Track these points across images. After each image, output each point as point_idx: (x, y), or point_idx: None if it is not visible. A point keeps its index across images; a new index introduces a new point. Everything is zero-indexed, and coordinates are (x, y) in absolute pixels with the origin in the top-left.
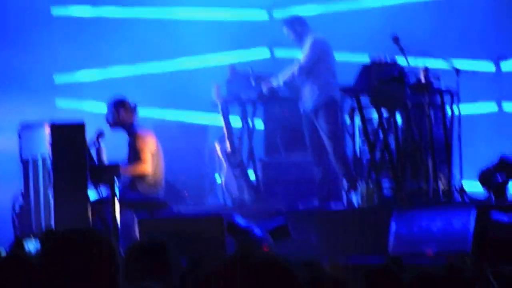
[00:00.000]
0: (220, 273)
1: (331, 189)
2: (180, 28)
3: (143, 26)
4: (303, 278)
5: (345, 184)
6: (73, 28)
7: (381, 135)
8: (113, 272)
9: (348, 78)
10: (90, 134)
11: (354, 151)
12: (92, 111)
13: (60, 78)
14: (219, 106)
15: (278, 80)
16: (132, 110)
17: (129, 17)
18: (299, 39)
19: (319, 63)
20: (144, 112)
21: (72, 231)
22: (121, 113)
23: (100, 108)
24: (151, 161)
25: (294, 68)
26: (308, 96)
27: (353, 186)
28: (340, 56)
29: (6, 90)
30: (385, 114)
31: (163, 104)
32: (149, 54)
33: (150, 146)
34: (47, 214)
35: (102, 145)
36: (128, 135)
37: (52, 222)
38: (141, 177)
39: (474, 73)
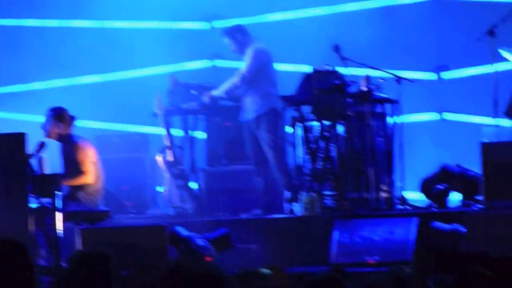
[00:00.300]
0: (157, 284)
1: (273, 199)
2: (122, 39)
3: (85, 36)
4: None
5: (287, 193)
6: (11, 39)
7: (322, 145)
8: (28, 283)
9: (289, 88)
10: (31, 145)
11: (296, 161)
12: (34, 121)
13: (0, 89)
14: (161, 117)
15: (220, 90)
16: (70, 121)
17: (70, 27)
18: (241, 49)
19: (260, 73)
20: (86, 123)
21: None
22: (59, 124)
23: (41, 119)
24: (92, 172)
25: (236, 78)
26: (249, 106)
27: (294, 196)
28: (282, 66)
29: None
30: (326, 123)
31: (105, 115)
32: (91, 64)
33: (90, 156)
34: None
35: (44, 155)
36: (65, 146)
37: None
38: (82, 188)
39: (415, 82)
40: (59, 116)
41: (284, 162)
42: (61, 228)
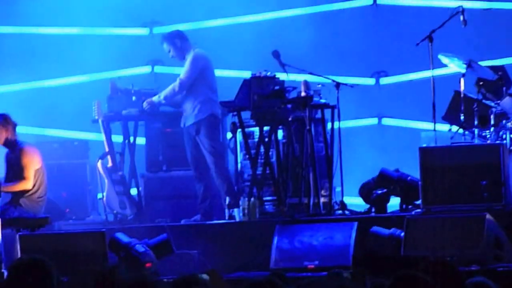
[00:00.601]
0: None
1: (213, 205)
2: (63, 45)
3: (24, 42)
4: None
5: (227, 199)
6: None
7: (262, 150)
8: None
9: (229, 94)
10: None
11: (236, 167)
12: None
13: None
14: (100, 123)
15: (160, 96)
16: (14, 126)
17: (10, 33)
18: (180, 55)
19: (199, 79)
20: (25, 129)
21: None
22: (8, 129)
23: None
24: (34, 178)
25: (175, 84)
26: (189, 112)
27: (235, 202)
28: (221, 72)
29: None
30: (266, 129)
31: (43, 121)
32: (31, 71)
33: (34, 162)
34: None
35: None
36: (12, 151)
37: None
38: (24, 194)
39: (354, 88)
40: (5, 121)
41: (224, 168)
42: (1, 235)
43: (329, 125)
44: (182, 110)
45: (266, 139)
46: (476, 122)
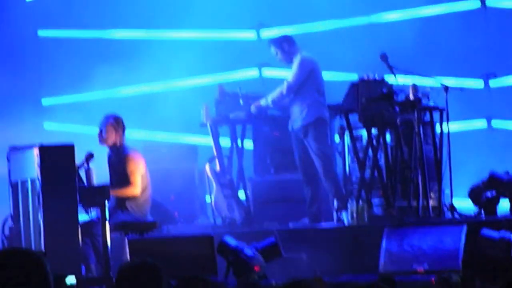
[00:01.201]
0: None
1: (321, 208)
2: (170, 49)
3: (132, 47)
4: None
5: (335, 203)
6: (60, 51)
7: (370, 153)
8: None
9: (336, 97)
10: (79, 156)
11: (344, 170)
12: (81, 133)
13: (48, 101)
14: (208, 127)
15: (267, 100)
16: (124, 130)
17: (118, 38)
18: (287, 58)
19: (307, 82)
20: (134, 133)
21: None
22: (118, 132)
23: (89, 130)
24: (141, 183)
25: (283, 87)
26: (297, 115)
27: (343, 205)
28: (329, 75)
29: None
30: (374, 132)
31: (152, 125)
32: (139, 75)
33: (140, 168)
34: (37, 236)
35: (91, 166)
36: (116, 156)
37: (42, 244)
38: (130, 198)
39: (463, 90)
40: (117, 123)
41: (332, 171)
42: (109, 239)
43: (437, 128)
44: (290, 114)
45: (374, 142)
46: None
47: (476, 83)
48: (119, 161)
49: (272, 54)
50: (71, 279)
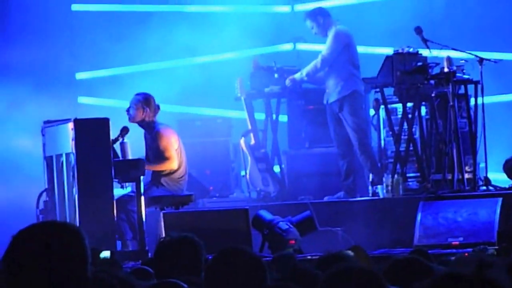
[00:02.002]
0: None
1: (356, 182)
2: (202, 23)
3: (162, 21)
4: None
5: (370, 176)
6: (93, 25)
7: (405, 127)
8: (81, 267)
9: (371, 70)
10: (114, 130)
11: (379, 143)
12: (116, 106)
13: (82, 75)
14: (243, 100)
15: (302, 73)
16: (156, 109)
17: (149, 11)
18: (322, 32)
19: (342, 55)
20: (169, 107)
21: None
22: (146, 111)
23: (124, 104)
24: (175, 157)
25: (317, 60)
26: (332, 89)
27: (378, 178)
28: (363, 48)
29: (28, 88)
30: (409, 105)
31: (187, 99)
32: (171, 49)
33: (172, 143)
34: (71, 210)
35: (126, 140)
36: (149, 133)
37: (77, 218)
38: (166, 173)
39: (497, 63)
40: (146, 101)
41: (368, 145)
42: (145, 213)
43: (472, 101)
44: (325, 87)
45: (409, 115)
46: None
47: (511, 56)
48: (151, 138)
49: (307, 28)
50: (105, 253)
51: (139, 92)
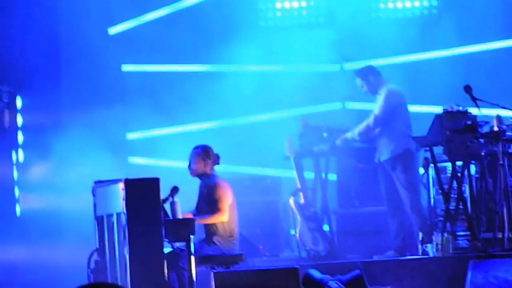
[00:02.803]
0: None
1: (406, 241)
2: (251, 82)
3: (215, 81)
4: None
5: (420, 235)
6: (143, 85)
7: (455, 185)
8: None
9: (421, 129)
10: (164, 190)
11: (429, 202)
12: (165, 167)
13: (133, 135)
14: (292, 159)
15: (353, 133)
16: (215, 159)
17: (199, 71)
18: (372, 90)
19: (394, 114)
20: (217, 166)
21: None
22: (207, 162)
23: (173, 164)
24: (227, 211)
25: (370, 120)
26: (384, 147)
27: (428, 237)
28: (413, 107)
29: (80, 148)
30: (459, 163)
31: (236, 158)
32: (222, 108)
33: (227, 196)
34: (122, 270)
35: (176, 200)
36: (205, 184)
37: (128, 278)
38: (217, 231)
39: None
40: (205, 153)
41: (420, 203)
42: (195, 273)
43: None
44: (375, 146)
45: (459, 174)
46: None
47: None
48: (207, 189)
49: (356, 86)
50: None
51: (197, 145)
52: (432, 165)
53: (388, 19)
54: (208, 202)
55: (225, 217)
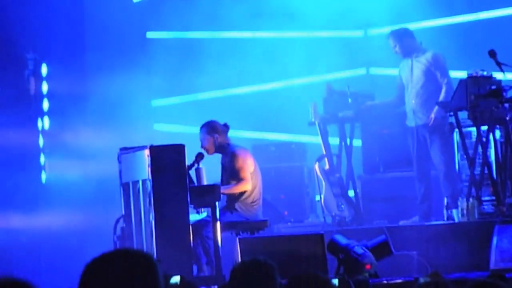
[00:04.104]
0: None
1: (431, 206)
2: (277, 49)
3: (243, 47)
4: None
5: (445, 200)
6: (167, 52)
7: (480, 150)
8: None
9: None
10: (189, 156)
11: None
12: (191, 132)
13: (158, 102)
14: (317, 125)
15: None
16: (225, 131)
17: (223, 38)
18: (404, 53)
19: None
20: (243, 133)
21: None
22: (216, 137)
23: (198, 130)
24: (250, 180)
25: (445, 88)
26: (423, 112)
27: (453, 202)
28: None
29: (105, 116)
30: (483, 128)
31: (261, 125)
32: (248, 75)
33: (248, 164)
34: (148, 236)
35: (202, 166)
36: (224, 155)
37: (154, 244)
38: (240, 197)
39: None
40: (211, 129)
41: (454, 169)
42: (220, 239)
43: None
44: (411, 109)
45: (484, 139)
46: None
47: None
48: (228, 160)
49: (380, 52)
50: (175, 278)
51: (202, 124)
52: (456, 130)
53: None
54: (230, 173)
55: (248, 186)
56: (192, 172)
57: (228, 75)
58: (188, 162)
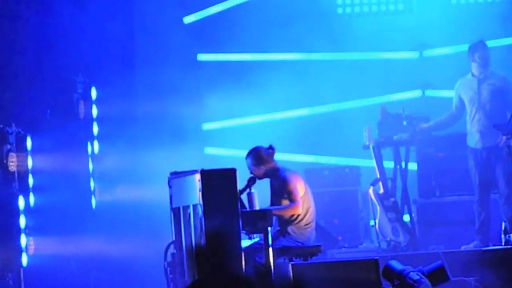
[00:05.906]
0: None
1: (489, 230)
2: (330, 70)
3: (289, 69)
4: None
5: (503, 224)
6: (218, 75)
7: None
8: None
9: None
10: (241, 181)
11: None
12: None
13: (209, 126)
14: (371, 148)
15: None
16: (271, 154)
17: (275, 60)
18: (484, 63)
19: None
20: (296, 157)
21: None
22: (260, 164)
23: None
24: (301, 203)
25: None
26: (489, 133)
27: (511, 227)
28: None
29: (155, 140)
30: None
31: (315, 148)
32: (301, 97)
33: (298, 188)
34: None
35: (254, 191)
36: (274, 180)
37: None
38: (293, 221)
39: None
40: (256, 159)
41: None
42: (273, 264)
43: None
44: (478, 131)
45: None
46: None
47: None
48: (278, 184)
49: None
50: None
51: (246, 154)
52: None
53: (468, 4)
54: (281, 197)
55: (299, 209)
56: (244, 197)
57: (282, 98)
58: (239, 186)
